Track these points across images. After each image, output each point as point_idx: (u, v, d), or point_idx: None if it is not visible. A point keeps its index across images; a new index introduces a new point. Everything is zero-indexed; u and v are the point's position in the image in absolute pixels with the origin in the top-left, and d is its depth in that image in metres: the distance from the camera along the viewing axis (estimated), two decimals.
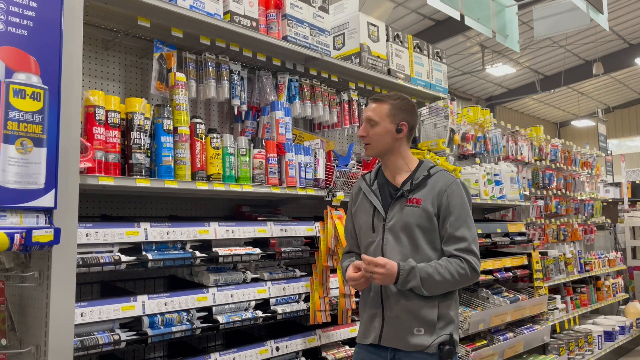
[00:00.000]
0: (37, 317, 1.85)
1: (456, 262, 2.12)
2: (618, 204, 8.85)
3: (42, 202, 1.75)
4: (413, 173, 2.28)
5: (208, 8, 2.60)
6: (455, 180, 2.23)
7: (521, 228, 4.70)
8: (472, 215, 2.24)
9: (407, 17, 13.14)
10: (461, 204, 2.19)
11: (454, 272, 2.10)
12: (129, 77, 2.69)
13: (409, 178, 2.27)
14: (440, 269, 2.09)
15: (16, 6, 1.74)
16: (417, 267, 2.09)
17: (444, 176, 2.25)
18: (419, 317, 2.14)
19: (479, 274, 2.17)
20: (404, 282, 2.08)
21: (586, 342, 5.65)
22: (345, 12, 3.63)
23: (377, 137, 2.26)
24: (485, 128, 4.79)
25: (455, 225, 2.16)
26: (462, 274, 2.11)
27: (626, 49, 16.84)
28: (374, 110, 2.28)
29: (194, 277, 2.63)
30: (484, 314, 3.94)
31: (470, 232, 2.17)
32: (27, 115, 1.73)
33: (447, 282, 2.10)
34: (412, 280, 2.07)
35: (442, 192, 2.19)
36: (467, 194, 2.24)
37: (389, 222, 2.22)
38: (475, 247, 2.17)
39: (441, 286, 2.12)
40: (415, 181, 2.24)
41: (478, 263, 2.16)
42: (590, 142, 9.99)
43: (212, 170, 2.54)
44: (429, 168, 2.29)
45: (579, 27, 5.96)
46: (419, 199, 2.20)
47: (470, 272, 2.13)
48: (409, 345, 2.13)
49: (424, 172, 2.26)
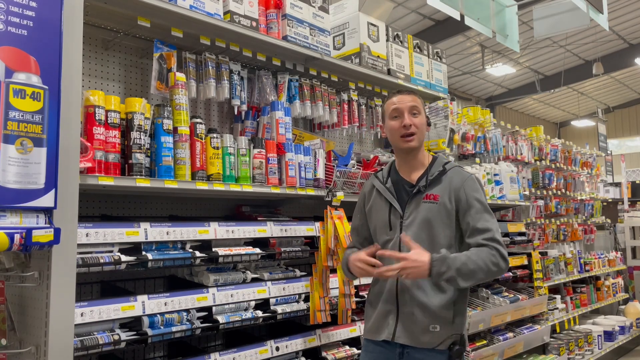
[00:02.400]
0: (37, 317, 1.85)
1: (487, 250, 2.08)
2: (618, 204, 8.85)
3: (42, 202, 1.75)
4: (428, 169, 2.27)
5: (208, 8, 2.60)
6: (470, 176, 2.24)
7: (521, 228, 4.70)
8: None
9: (407, 17, 13.14)
10: (479, 198, 2.19)
11: (487, 260, 2.06)
12: (129, 77, 2.69)
13: (424, 174, 2.26)
14: (474, 257, 2.05)
15: (16, 6, 1.74)
16: (450, 256, 2.04)
17: (459, 172, 2.25)
18: (435, 313, 2.11)
19: (509, 264, 2.15)
20: (438, 273, 2.00)
21: (586, 342, 5.65)
22: (345, 12, 3.63)
23: (422, 126, 2.26)
24: (485, 128, 4.80)
25: (477, 218, 2.14)
26: (495, 262, 2.07)
27: (626, 49, 16.84)
28: (415, 101, 2.25)
29: (194, 277, 2.63)
30: (484, 314, 3.95)
31: (493, 224, 2.15)
32: (27, 115, 1.73)
33: (482, 270, 2.05)
34: (447, 271, 2.00)
35: (458, 188, 2.19)
36: (482, 189, 2.26)
37: (407, 219, 2.21)
38: (500, 238, 2.14)
39: (476, 275, 2.05)
40: (430, 177, 2.23)
41: (506, 253, 2.13)
42: (590, 142, 10.00)
43: (212, 170, 2.54)
44: (444, 164, 2.28)
45: (579, 27, 5.95)
46: (436, 194, 2.19)
47: (502, 260, 2.09)
48: (421, 342, 2.11)
49: (438, 168, 2.25)
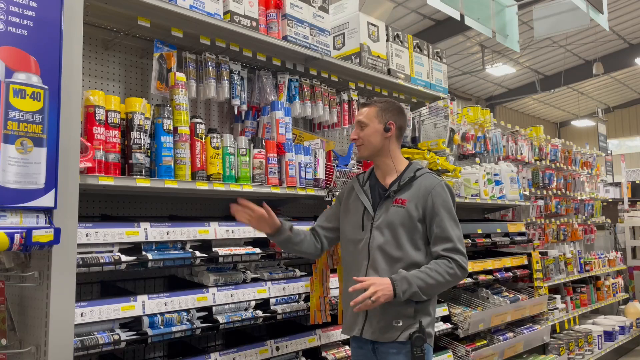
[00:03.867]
0: (37, 317, 1.85)
1: (444, 262, 2.24)
2: (618, 204, 8.85)
3: (42, 202, 1.75)
4: (401, 174, 2.40)
5: (208, 8, 2.60)
6: (439, 182, 2.35)
7: (521, 228, 4.70)
8: (472, 215, 2.28)
9: (407, 17, 13.13)
10: (445, 205, 2.30)
11: (444, 273, 2.22)
12: (129, 77, 2.69)
13: (397, 179, 2.39)
14: (431, 272, 2.21)
15: (16, 6, 1.74)
16: (409, 275, 2.19)
17: (428, 178, 2.36)
18: (398, 311, 2.25)
19: (467, 271, 2.31)
20: (402, 292, 2.15)
21: (586, 342, 5.65)
22: (345, 12, 3.63)
23: (367, 137, 2.39)
24: (485, 128, 4.80)
25: (441, 226, 2.28)
26: (452, 273, 2.23)
27: (626, 49, 16.83)
28: (362, 114, 2.42)
29: (194, 277, 2.63)
30: (484, 314, 3.95)
31: (455, 232, 2.29)
32: (27, 115, 1.73)
33: (440, 283, 2.22)
34: (409, 288, 2.16)
35: (426, 193, 2.31)
36: (451, 195, 2.36)
37: (377, 221, 2.34)
38: (461, 246, 2.29)
39: (436, 288, 2.25)
40: (402, 182, 2.36)
41: (465, 261, 2.28)
42: (590, 142, 10.01)
43: (212, 170, 2.54)
44: (415, 170, 2.40)
45: (579, 27, 5.96)
46: (405, 199, 2.32)
47: (459, 270, 2.25)
48: (384, 337, 2.26)
49: (410, 174, 2.38)
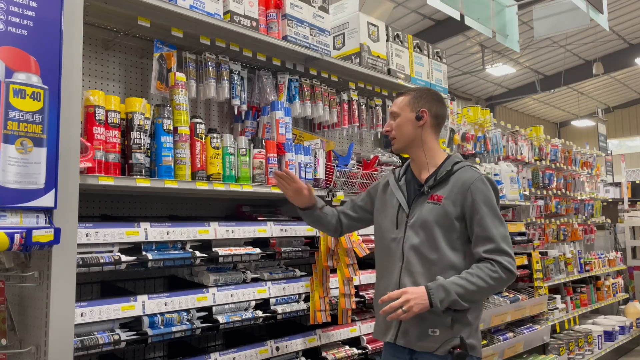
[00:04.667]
0: (37, 317, 1.85)
1: (486, 266, 2.03)
2: (618, 204, 8.86)
3: (42, 202, 1.75)
4: (438, 168, 2.21)
5: (208, 8, 2.60)
6: (479, 176, 2.14)
7: (521, 228, 4.70)
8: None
9: (407, 17, 13.14)
10: (486, 201, 2.09)
11: (487, 277, 2.00)
12: (129, 77, 2.69)
13: (433, 174, 2.21)
14: (472, 278, 2.00)
15: (16, 6, 1.74)
16: (446, 282, 2.00)
17: (467, 172, 2.16)
18: (433, 319, 2.06)
19: (515, 273, 2.07)
20: (440, 301, 1.97)
21: (586, 342, 5.65)
22: (345, 12, 3.62)
23: (399, 127, 2.24)
24: (485, 128, 4.80)
25: (482, 225, 2.07)
26: (496, 277, 2.01)
27: (626, 49, 16.84)
28: (396, 104, 2.28)
29: (194, 277, 2.63)
30: (484, 314, 3.94)
31: (498, 231, 2.06)
32: (27, 115, 1.73)
33: (483, 289, 2.01)
34: (447, 296, 1.97)
35: (465, 189, 2.11)
36: (494, 190, 2.15)
37: (411, 219, 2.17)
38: (506, 245, 2.06)
39: (478, 295, 2.03)
40: (438, 177, 2.17)
41: (511, 262, 2.05)
42: (590, 142, 10.00)
43: (212, 170, 2.54)
44: (454, 163, 2.21)
45: (579, 27, 5.96)
46: (441, 196, 2.13)
47: (504, 273, 2.02)
48: (419, 345, 2.08)
49: (447, 168, 2.19)
